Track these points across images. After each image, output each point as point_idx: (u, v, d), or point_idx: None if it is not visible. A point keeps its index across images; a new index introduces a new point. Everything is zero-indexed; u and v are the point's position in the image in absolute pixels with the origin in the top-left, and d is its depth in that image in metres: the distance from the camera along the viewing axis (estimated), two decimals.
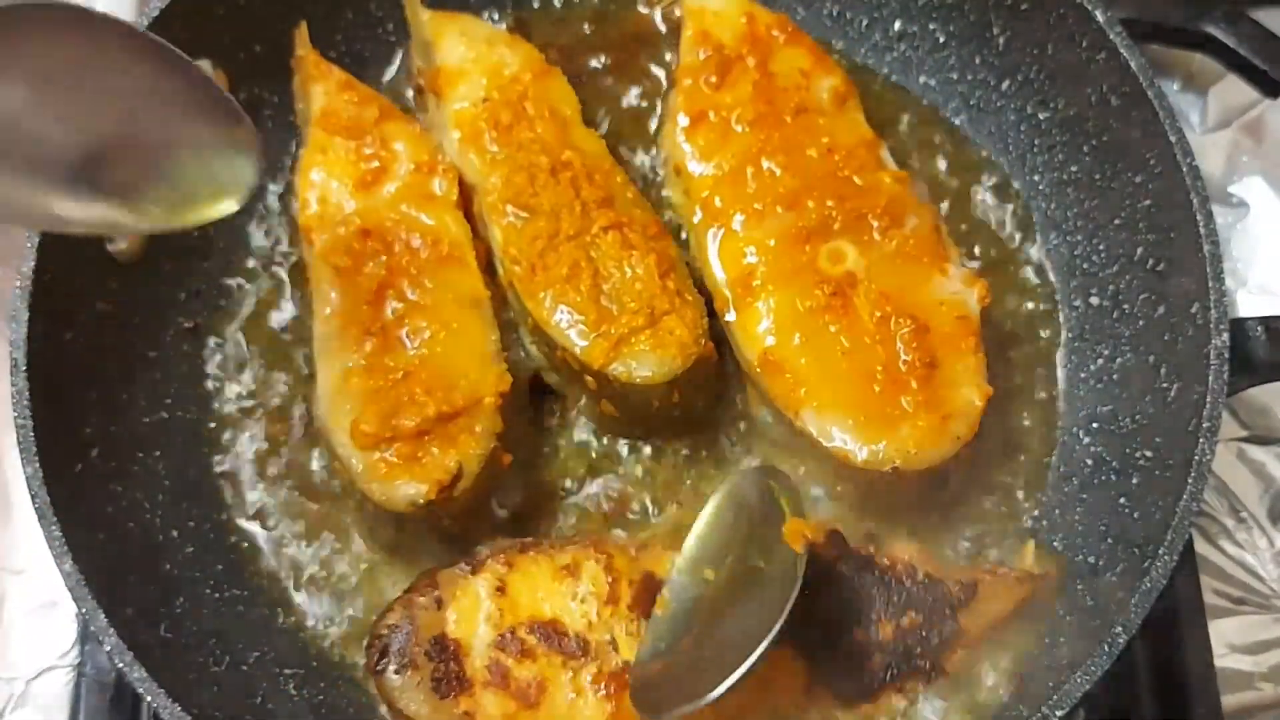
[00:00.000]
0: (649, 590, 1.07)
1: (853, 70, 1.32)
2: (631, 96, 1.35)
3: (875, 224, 1.17)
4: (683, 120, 1.24)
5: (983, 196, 1.33)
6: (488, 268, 1.21)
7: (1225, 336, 1.06)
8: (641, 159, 1.33)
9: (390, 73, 1.37)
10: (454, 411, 1.11)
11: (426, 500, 1.08)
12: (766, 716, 1.03)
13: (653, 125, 1.34)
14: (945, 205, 1.31)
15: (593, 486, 1.21)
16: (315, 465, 1.22)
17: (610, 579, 1.07)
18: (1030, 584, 1.08)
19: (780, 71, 1.24)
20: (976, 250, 1.30)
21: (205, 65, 1.24)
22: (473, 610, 1.07)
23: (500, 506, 1.19)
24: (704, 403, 1.21)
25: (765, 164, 1.20)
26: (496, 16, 1.38)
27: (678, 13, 1.33)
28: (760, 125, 1.21)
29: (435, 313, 1.16)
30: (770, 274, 1.16)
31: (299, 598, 1.18)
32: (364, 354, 1.14)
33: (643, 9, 1.38)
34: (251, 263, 1.30)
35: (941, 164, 1.34)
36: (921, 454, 1.09)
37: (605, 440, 1.23)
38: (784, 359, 1.13)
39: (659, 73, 1.36)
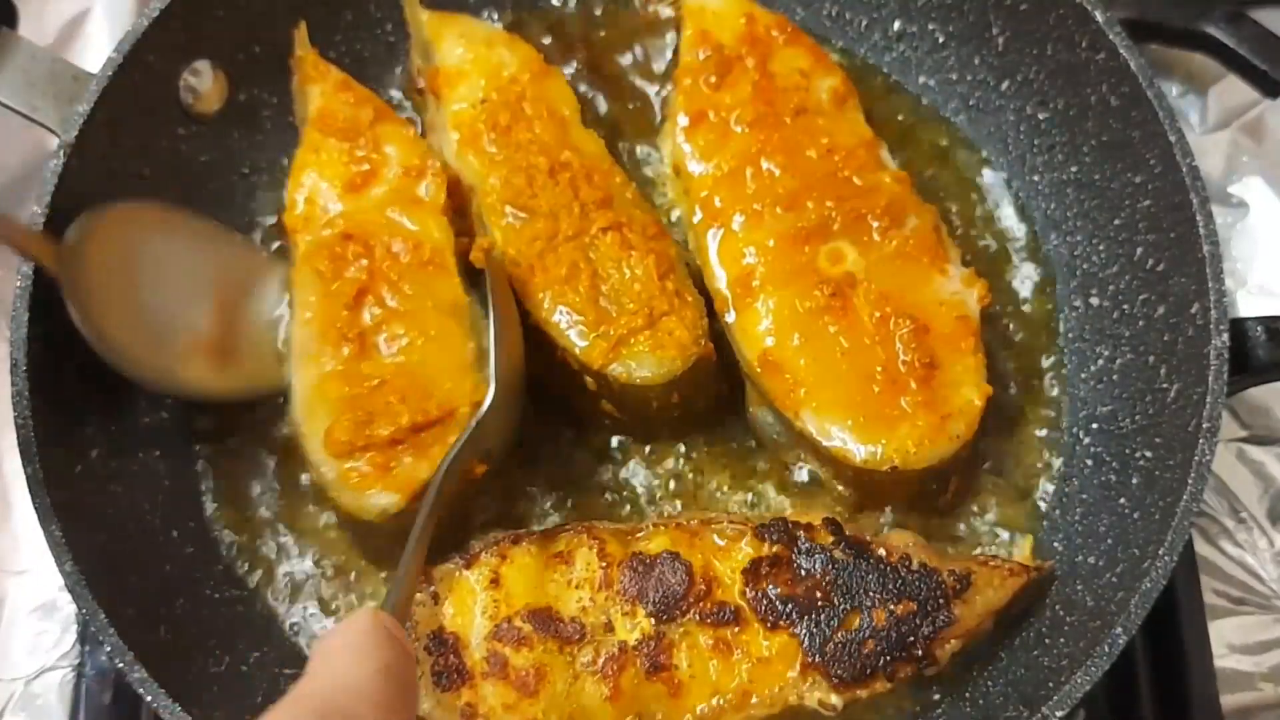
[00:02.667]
0: (642, 572, 1.07)
1: (852, 70, 1.32)
2: (630, 96, 1.36)
3: (875, 224, 1.17)
4: (682, 120, 1.24)
5: (982, 197, 1.33)
6: (467, 272, 1.20)
7: (1225, 336, 1.06)
8: (640, 159, 1.33)
9: (390, 73, 1.37)
10: (428, 421, 1.10)
11: (398, 510, 1.07)
12: (763, 695, 1.04)
13: (652, 126, 1.34)
14: (944, 206, 1.31)
15: (594, 487, 1.22)
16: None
17: (603, 564, 1.08)
18: (1025, 576, 1.08)
19: (780, 72, 1.24)
20: (976, 250, 1.30)
21: (205, 65, 1.24)
22: (468, 603, 1.08)
23: (478, 512, 1.19)
24: (704, 403, 1.21)
25: (765, 164, 1.20)
26: (495, 16, 1.38)
27: (672, 12, 1.34)
28: (760, 126, 1.21)
29: (414, 319, 1.15)
30: (770, 274, 1.16)
31: (299, 598, 1.18)
32: (340, 360, 1.13)
33: (641, 8, 1.38)
34: None
35: (941, 164, 1.34)
36: (920, 454, 1.09)
37: (604, 440, 1.23)
38: (783, 359, 1.13)
39: (659, 73, 1.36)
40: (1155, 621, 1.04)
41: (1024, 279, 1.29)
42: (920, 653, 1.04)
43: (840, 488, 1.18)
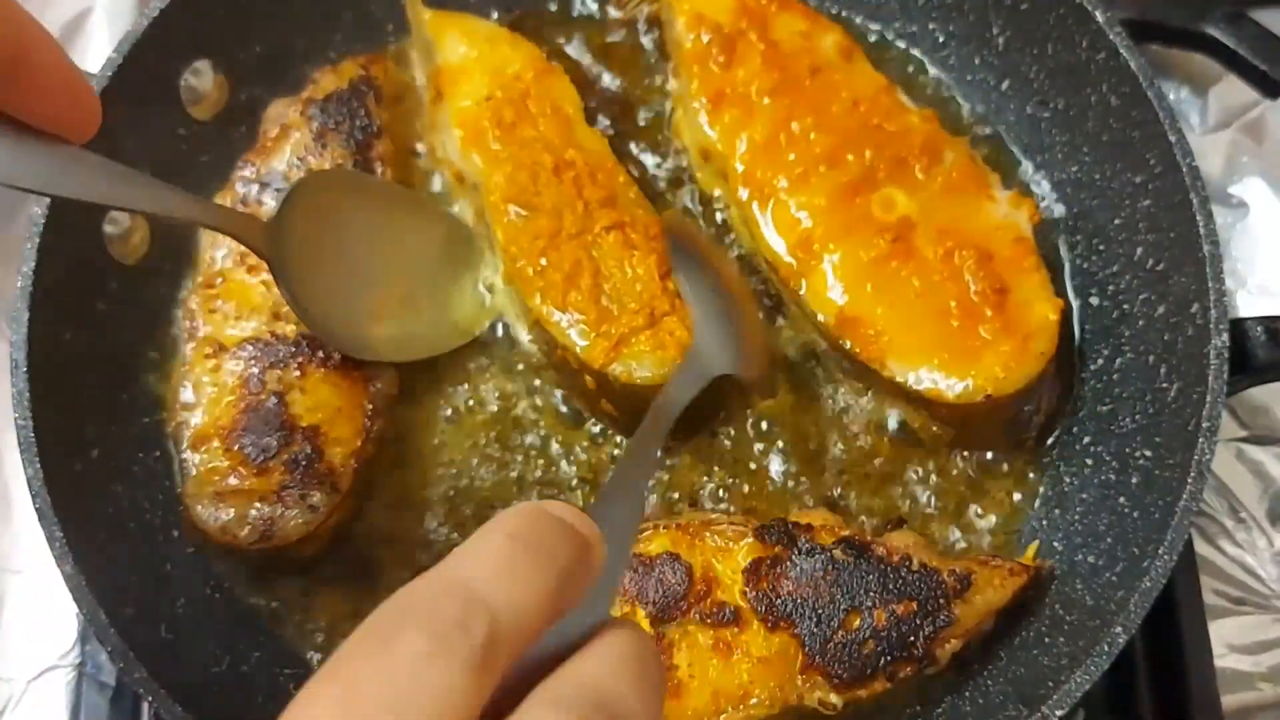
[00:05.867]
0: (642, 572, 1.07)
1: None
2: (632, 94, 1.35)
3: (916, 165, 1.19)
4: (704, 104, 1.23)
5: None
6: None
7: (1225, 336, 1.06)
8: (643, 157, 1.32)
9: None
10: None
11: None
12: (763, 696, 1.04)
13: (648, 122, 1.34)
14: None
15: (595, 488, 1.22)
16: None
17: None
18: (1025, 575, 1.08)
19: (782, 38, 1.24)
20: None
21: (205, 65, 1.24)
22: None
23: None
24: (702, 403, 1.20)
25: (796, 128, 1.21)
26: (496, 15, 1.38)
27: (647, 10, 1.34)
28: (780, 92, 1.22)
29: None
30: (828, 233, 1.17)
31: (299, 597, 1.18)
32: None
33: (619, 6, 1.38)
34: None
35: None
36: (1011, 378, 1.11)
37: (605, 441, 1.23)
38: (860, 312, 1.14)
39: (658, 72, 1.36)
40: (1155, 621, 1.04)
41: None
42: (920, 653, 1.04)
43: (935, 428, 1.19)
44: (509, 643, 0.55)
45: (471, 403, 1.23)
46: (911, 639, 1.04)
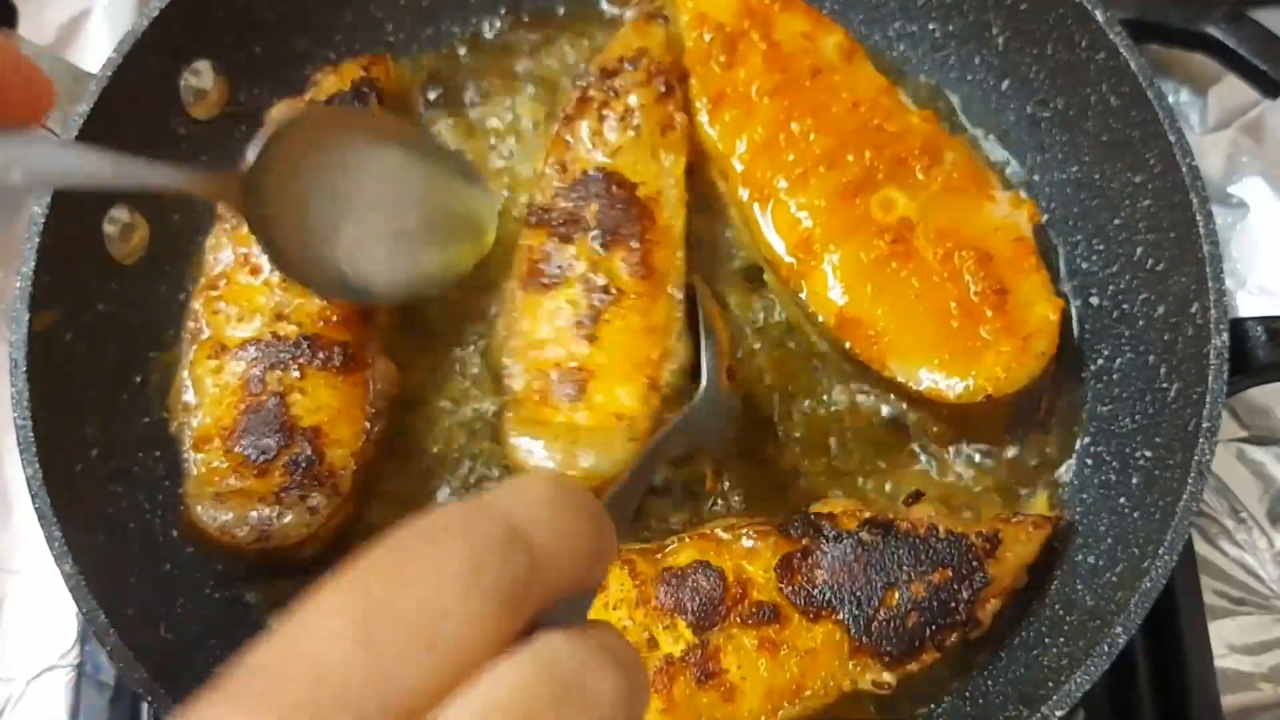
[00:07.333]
0: (676, 585, 1.07)
1: None
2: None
3: (916, 166, 1.19)
4: (705, 104, 1.24)
5: None
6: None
7: (1225, 336, 1.06)
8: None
9: None
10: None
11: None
12: (816, 686, 1.04)
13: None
14: None
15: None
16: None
17: (637, 583, 1.08)
18: (1048, 526, 1.10)
19: (784, 38, 1.25)
20: None
21: (205, 66, 1.24)
22: None
23: None
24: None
25: (796, 128, 1.21)
26: (497, 21, 1.37)
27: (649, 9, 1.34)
28: (781, 93, 1.22)
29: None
30: (828, 234, 1.18)
31: (300, 598, 1.18)
32: None
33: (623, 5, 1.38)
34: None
35: None
36: (1011, 378, 1.12)
37: None
38: (860, 314, 1.15)
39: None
40: (1155, 621, 1.04)
41: None
42: (964, 616, 1.05)
43: (936, 428, 1.19)
44: (541, 587, 0.48)
45: (472, 404, 1.23)
46: (952, 604, 1.05)
